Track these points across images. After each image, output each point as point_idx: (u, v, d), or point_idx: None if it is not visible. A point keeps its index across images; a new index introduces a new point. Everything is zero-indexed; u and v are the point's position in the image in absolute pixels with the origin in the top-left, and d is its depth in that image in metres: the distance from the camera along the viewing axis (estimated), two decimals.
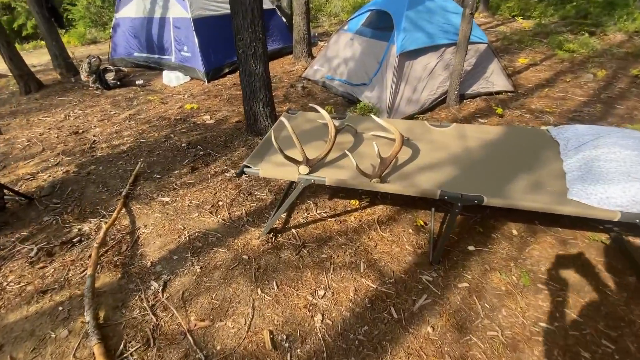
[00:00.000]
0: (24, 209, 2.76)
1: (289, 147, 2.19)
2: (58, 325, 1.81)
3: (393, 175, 2.01)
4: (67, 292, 1.99)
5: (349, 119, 2.71)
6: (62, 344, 1.72)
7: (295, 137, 1.98)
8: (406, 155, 2.24)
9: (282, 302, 1.90)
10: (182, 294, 1.97)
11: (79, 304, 1.92)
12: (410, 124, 2.64)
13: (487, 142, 2.34)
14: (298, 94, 4.99)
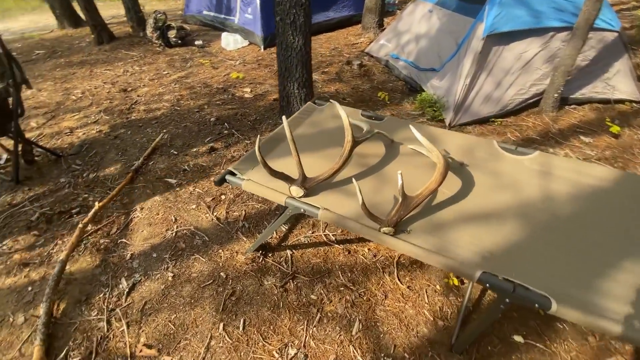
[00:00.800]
0: (51, 165, 2.81)
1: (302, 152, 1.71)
2: (20, 308, 1.72)
3: (417, 223, 1.41)
4: (43, 271, 1.91)
5: (387, 123, 2.07)
6: (14, 332, 1.62)
7: (293, 145, 1.48)
8: (451, 190, 1.59)
9: (242, 351, 1.53)
10: (144, 304, 1.74)
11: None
12: (471, 141, 1.91)
13: (587, 194, 1.54)
14: (353, 72, 4.33)
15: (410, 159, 1.80)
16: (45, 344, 1.53)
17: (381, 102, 3.63)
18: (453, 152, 1.83)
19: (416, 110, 3.44)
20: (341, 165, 1.53)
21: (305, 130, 2.02)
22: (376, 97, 3.73)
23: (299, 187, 1.49)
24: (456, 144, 1.88)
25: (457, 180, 1.66)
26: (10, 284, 1.84)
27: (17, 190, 2.52)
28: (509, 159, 1.77)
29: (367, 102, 3.64)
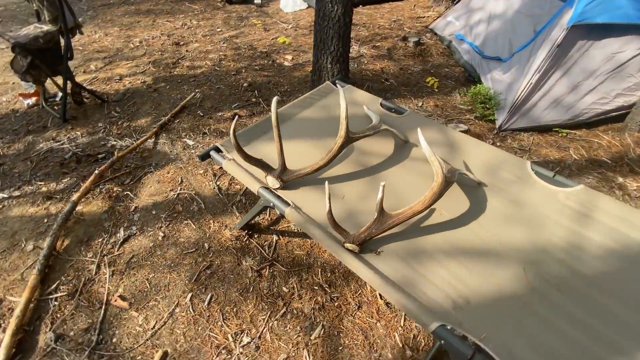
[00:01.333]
0: (95, 108, 3.03)
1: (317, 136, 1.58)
2: (32, 237, 1.94)
3: (392, 245, 1.23)
4: (60, 206, 2.11)
5: (407, 118, 1.81)
6: (22, 257, 1.84)
7: (276, 130, 1.35)
8: (451, 212, 1.35)
9: (200, 325, 1.55)
10: (131, 257, 1.84)
11: None
12: (500, 156, 1.59)
13: (631, 256, 1.19)
14: (407, 51, 3.90)
15: (419, 166, 1.56)
16: (41, 275, 1.71)
17: (427, 89, 3.24)
18: (474, 167, 1.54)
19: (465, 104, 3.01)
20: (326, 162, 1.37)
21: (314, 113, 1.86)
22: (424, 83, 3.34)
23: (275, 179, 1.37)
24: (481, 158, 1.58)
25: (464, 201, 1.40)
26: (31, 213, 2.08)
27: (62, 128, 2.78)
28: (541, 187, 1.44)
29: (412, 87, 3.27)
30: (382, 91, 3.19)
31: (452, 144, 1.66)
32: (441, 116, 2.90)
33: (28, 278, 1.72)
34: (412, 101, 3.09)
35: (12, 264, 1.80)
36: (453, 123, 2.80)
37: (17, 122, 2.87)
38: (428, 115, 2.92)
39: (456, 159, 1.59)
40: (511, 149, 2.58)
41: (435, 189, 1.18)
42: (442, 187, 1.19)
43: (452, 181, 1.29)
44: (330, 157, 1.37)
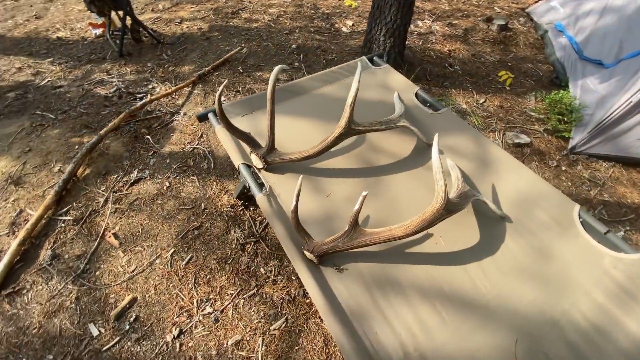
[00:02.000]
0: (150, 48, 3.13)
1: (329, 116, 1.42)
2: (61, 160, 2.10)
3: (360, 266, 1.04)
4: (93, 136, 2.25)
5: (442, 117, 1.51)
6: (48, 176, 2.01)
7: (270, 105, 1.19)
8: (450, 244, 1.11)
9: (172, 282, 1.57)
10: (135, 200, 1.91)
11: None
12: (543, 190, 1.25)
13: None
14: (487, 35, 3.32)
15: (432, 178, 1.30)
16: (57, 196, 1.86)
17: (497, 85, 2.75)
18: (504, 196, 1.24)
19: (537, 111, 2.50)
20: (316, 152, 1.19)
21: (336, 91, 1.64)
22: (495, 76, 2.83)
23: (259, 158, 1.24)
24: (517, 186, 1.26)
25: (474, 233, 1.14)
26: (67, 138, 2.25)
27: (117, 62, 2.92)
28: (584, 243, 1.11)
29: (478, 79, 2.80)
30: (440, 77, 2.78)
31: (486, 160, 1.35)
32: (502, 120, 2.45)
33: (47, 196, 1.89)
34: (473, 95, 2.65)
35: (39, 180, 1.99)
36: (513, 132, 2.35)
37: (83, 49, 3.08)
38: (487, 116, 2.49)
39: (484, 180, 1.29)
40: (577, 179, 2.10)
41: (427, 215, 0.95)
42: (437, 215, 0.95)
43: (458, 209, 1.03)
44: (322, 148, 1.18)
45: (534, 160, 2.18)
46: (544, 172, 2.12)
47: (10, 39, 3.20)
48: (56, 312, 1.49)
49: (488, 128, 2.38)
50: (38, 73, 2.82)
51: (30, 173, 2.03)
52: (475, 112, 2.49)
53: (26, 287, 1.57)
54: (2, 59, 2.94)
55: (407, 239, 1.09)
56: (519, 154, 2.22)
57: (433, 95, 2.60)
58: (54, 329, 1.44)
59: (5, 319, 1.47)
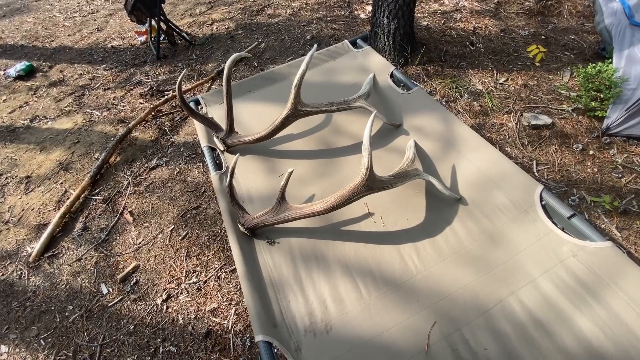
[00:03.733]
0: (184, 49, 3.46)
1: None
2: (100, 149, 2.47)
3: (291, 239, 1.08)
4: (123, 129, 2.60)
5: (412, 97, 1.43)
6: (89, 162, 2.39)
7: (226, 88, 1.28)
8: (390, 224, 1.09)
9: (168, 254, 1.78)
10: (150, 183, 2.18)
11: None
12: (507, 171, 1.14)
13: None
14: (522, 7, 2.97)
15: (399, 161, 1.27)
16: (92, 179, 2.22)
17: (524, 62, 2.46)
18: (464, 177, 1.17)
19: (567, 89, 2.19)
20: (267, 134, 1.25)
21: (313, 76, 1.66)
22: (523, 52, 2.54)
23: (219, 141, 1.34)
24: (479, 167, 1.17)
25: (419, 215, 1.10)
26: (107, 131, 2.63)
27: (154, 65, 3.30)
28: (541, 228, 0.99)
29: (503, 57, 2.54)
30: (457, 58, 2.58)
31: (450, 140, 1.26)
32: (522, 101, 2.20)
33: (84, 179, 2.26)
34: (493, 75, 2.41)
35: (82, 166, 2.39)
36: (532, 113, 2.10)
37: (130, 55, 3.53)
38: (505, 97, 2.26)
39: (445, 160, 1.22)
40: (607, 164, 1.80)
41: (345, 191, 0.95)
42: (356, 191, 0.95)
43: (384, 187, 1.01)
44: (271, 130, 1.24)
45: (552, 144, 1.93)
46: (563, 158, 1.87)
47: (76, 49, 3.81)
48: (80, 272, 1.80)
49: (503, 109, 2.16)
50: (94, 78, 3.32)
51: (76, 160, 2.44)
52: (491, 93, 2.28)
53: (62, 252, 1.92)
54: (69, 67, 3.52)
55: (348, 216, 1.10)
56: (535, 137, 1.98)
57: (444, 75, 2.43)
58: (77, 286, 1.75)
59: (45, 276, 1.82)
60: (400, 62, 2.53)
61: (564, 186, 1.76)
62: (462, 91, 2.32)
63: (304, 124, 1.41)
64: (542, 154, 1.91)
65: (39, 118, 2.96)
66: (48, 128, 2.84)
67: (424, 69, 2.52)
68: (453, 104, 2.28)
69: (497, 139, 2.02)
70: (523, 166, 1.87)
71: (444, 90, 2.35)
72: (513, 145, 1.97)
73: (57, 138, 2.68)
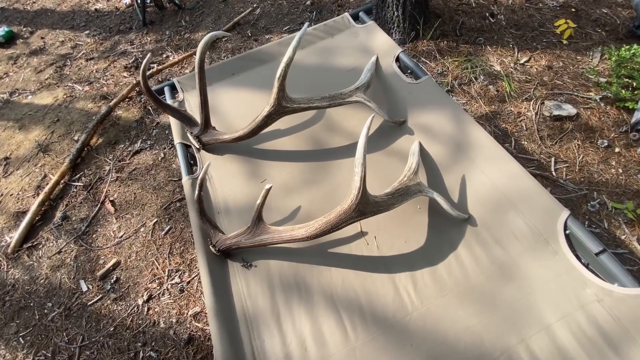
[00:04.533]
0: (172, 14, 3.14)
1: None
2: (81, 129, 2.30)
3: (271, 263, 0.94)
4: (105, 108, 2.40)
5: (420, 88, 1.22)
6: (69, 144, 2.23)
7: (200, 82, 1.09)
8: (386, 247, 0.94)
9: (150, 251, 1.67)
10: (133, 169, 2.03)
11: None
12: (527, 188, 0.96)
13: None
14: None
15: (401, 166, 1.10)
16: (72, 164, 2.07)
17: (549, 39, 2.17)
18: (475, 193, 1.00)
19: (596, 74, 1.93)
20: (246, 133, 1.07)
21: (307, 56, 1.44)
22: (549, 27, 2.24)
23: (194, 138, 1.17)
24: (494, 180, 0.99)
25: (419, 238, 0.95)
26: (89, 109, 2.44)
27: (140, 32, 3.01)
28: (562, 261, 0.84)
29: (526, 32, 2.24)
30: (474, 32, 2.29)
31: (463, 145, 1.08)
32: (545, 85, 1.95)
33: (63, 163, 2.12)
34: (513, 53, 2.14)
35: (62, 148, 2.23)
36: (555, 101, 1.86)
37: (114, 20, 3.23)
38: (525, 80, 2.01)
39: (454, 170, 1.04)
40: (635, 165, 1.61)
41: (332, 216, 0.79)
42: (344, 217, 0.79)
43: (381, 210, 0.85)
44: (251, 128, 1.06)
45: (575, 139, 1.72)
46: (586, 155, 1.67)
47: (58, 13, 3.50)
48: (59, 267, 1.71)
49: (522, 96, 1.92)
50: (76, 46, 3.06)
51: (56, 141, 2.28)
52: (510, 75, 2.02)
53: (41, 243, 1.82)
54: (50, 33, 3.25)
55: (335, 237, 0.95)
56: (556, 130, 1.77)
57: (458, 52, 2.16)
58: (56, 281, 1.67)
59: (24, 269, 1.74)
60: (410, 36, 2.25)
61: (583, 189, 1.58)
62: (478, 72, 2.07)
63: (293, 119, 1.22)
64: (563, 150, 1.71)
65: (19, 92, 2.76)
66: (28, 103, 2.65)
67: (436, 45, 2.24)
68: (466, 87, 2.04)
69: (512, 131, 1.81)
70: (540, 163, 1.68)
71: (457, 71, 2.10)
72: (530, 139, 1.77)
73: (37, 115, 2.50)
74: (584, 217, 1.51)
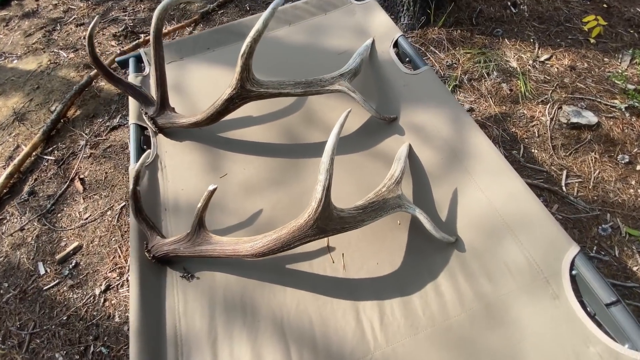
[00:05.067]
0: None
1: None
2: (59, 99, 2.16)
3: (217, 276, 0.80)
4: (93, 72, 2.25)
5: (418, 80, 1.04)
6: (46, 114, 2.09)
7: (155, 51, 0.93)
8: (353, 269, 0.79)
9: (114, 237, 1.55)
10: (108, 147, 1.89)
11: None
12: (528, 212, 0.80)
13: None
14: None
15: (384, 170, 0.94)
16: (45, 135, 1.94)
17: (575, 37, 1.95)
18: (468, 209, 0.83)
19: (623, 80, 1.72)
20: (204, 118, 0.91)
21: (295, 34, 1.26)
22: (577, 23, 2.00)
23: (148, 118, 1.01)
24: (491, 199, 0.83)
25: (395, 259, 0.80)
26: (71, 77, 2.29)
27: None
28: (563, 309, 0.69)
29: (550, 26, 2.01)
30: (492, 22, 2.06)
31: (460, 152, 0.90)
32: (565, 88, 1.75)
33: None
34: (534, 49, 1.92)
35: (38, 118, 2.10)
36: (575, 106, 1.66)
37: None
38: (544, 80, 1.80)
39: (447, 181, 0.88)
40: None
41: (283, 232, 0.64)
42: (298, 235, 0.64)
43: (345, 228, 0.69)
44: (210, 114, 0.90)
45: (592, 152, 1.53)
46: (603, 171, 1.48)
47: None
48: (20, 245, 1.61)
49: (538, 97, 1.72)
50: (68, 10, 2.89)
51: (33, 110, 2.14)
52: (527, 74, 1.82)
53: (6, 218, 1.71)
54: None
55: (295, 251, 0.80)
56: (572, 140, 1.57)
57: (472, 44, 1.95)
58: (15, 261, 1.57)
59: None
60: (420, 22, 2.04)
61: (595, 209, 1.40)
62: (491, 68, 1.86)
63: (267, 106, 1.06)
64: (577, 163, 1.52)
65: (5, 55, 2.62)
66: (12, 68, 2.51)
67: (447, 33, 2.03)
68: (477, 83, 1.84)
69: (523, 136, 1.63)
70: (549, 175, 1.50)
71: (469, 65, 1.90)
72: (542, 147, 1.58)
73: (19, 81, 2.36)
74: (593, 242, 1.34)
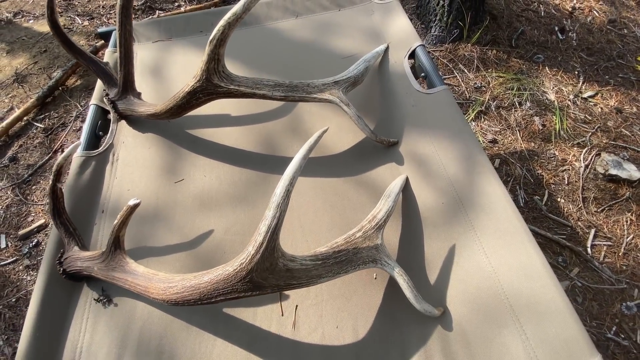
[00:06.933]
0: None
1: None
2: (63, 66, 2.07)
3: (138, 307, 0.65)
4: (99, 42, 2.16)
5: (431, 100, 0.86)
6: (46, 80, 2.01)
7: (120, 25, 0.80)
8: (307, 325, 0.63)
9: None
10: None
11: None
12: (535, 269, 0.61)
13: None
14: None
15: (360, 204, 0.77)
16: (40, 102, 1.85)
17: (626, 76, 1.71)
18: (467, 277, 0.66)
19: None
20: (164, 110, 0.77)
21: (301, 28, 1.10)
22: (630, 61, 1.76)
23: (108, 100, 0.88)
24: (497, 270, 0.65)
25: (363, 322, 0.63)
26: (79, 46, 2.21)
27: None
28: None
29: (599, 60, 1.78)
30: (534, 46, 1.84)
31: (464, 199, 0.72)
32: (607, 132, 1.52)
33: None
34: (577, 83, 1.69)
35: (37, 82, 2.02)
36: (616, 156, 1.43)
37: None
38: (584, 120, 1.57)
39: (442, 233, 0.70)
40: None
41: (204, 280, 0.48)
42: (224, 287, 0.48)
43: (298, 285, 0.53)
44: (170, 106, 0.75)
45: (629, 212, 1.30)
46: (637, 237, 1.25)
47: None
48: None
49: (574, 139, 1.50)
50: None
51: (35, 74, 2.07)
52: (565, 109, 1.59)
53: None
54: None
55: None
56: (607, 194, 1.35)
57: (507, 67, 1.74)
58: None
59: None
60: (452, 35, 1.84)
61: (622, 281, 1.18)
62: (525, 97, 1.65)
63: (248, 105, 0.91)
64: (608, 223, 1.30)
65: (24, 13, 2.57)
66: (27, 27, 2.46)
67: (481, 52, 1.83)
68: (505, 112, 1.63)
69: (549, 181, 1.41)
70: (574, 232, 1.28)
71: (499, 90, 1.69)
72: (570, 197, 1.36)
73: (29, 42, 2.31)
74: (613, 320, 1.13)
